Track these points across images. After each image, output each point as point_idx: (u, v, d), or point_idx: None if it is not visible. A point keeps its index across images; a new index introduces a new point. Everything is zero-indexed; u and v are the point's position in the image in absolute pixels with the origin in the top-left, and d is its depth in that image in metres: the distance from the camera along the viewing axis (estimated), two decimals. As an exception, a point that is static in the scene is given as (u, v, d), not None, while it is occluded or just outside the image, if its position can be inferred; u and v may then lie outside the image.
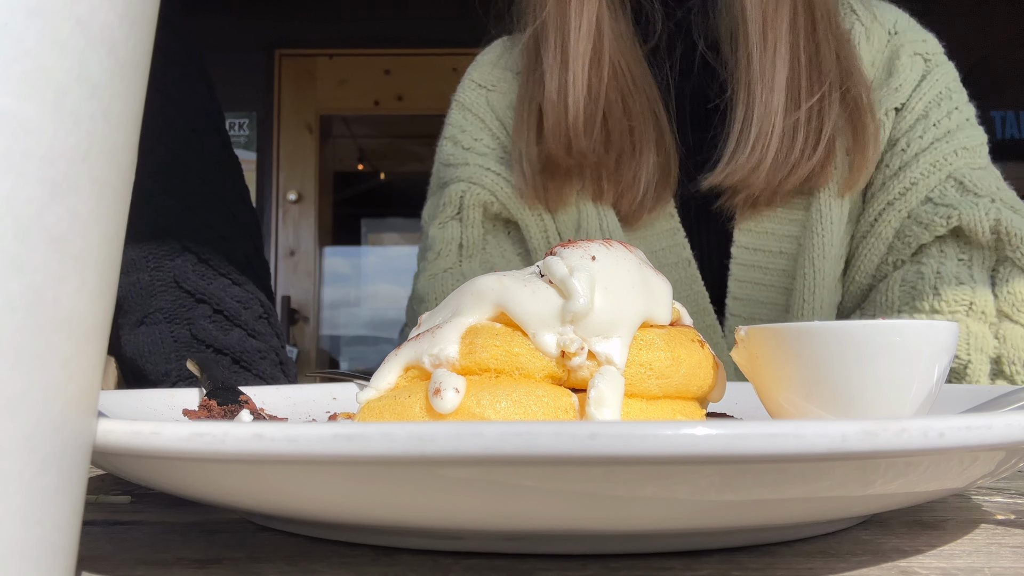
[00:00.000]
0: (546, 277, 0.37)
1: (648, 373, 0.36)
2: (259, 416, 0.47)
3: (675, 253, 0.80)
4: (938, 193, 0.75)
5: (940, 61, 0.80)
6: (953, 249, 0.74)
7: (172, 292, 0.76)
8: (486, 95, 0.88)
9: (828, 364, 0.36)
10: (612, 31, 0.78)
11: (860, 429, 0.22)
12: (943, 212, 0.74)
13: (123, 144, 0.22)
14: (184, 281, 0.76)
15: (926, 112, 0.77)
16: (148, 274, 0.75)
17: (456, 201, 0.84)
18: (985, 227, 0.72)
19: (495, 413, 0.33)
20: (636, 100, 0.79)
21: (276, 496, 0.26)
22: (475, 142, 0.86)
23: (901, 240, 0.76)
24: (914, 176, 0.76)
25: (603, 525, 0.26)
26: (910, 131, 0.77)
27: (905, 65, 0.78)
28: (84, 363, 0.21)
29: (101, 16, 0.21)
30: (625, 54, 0.79)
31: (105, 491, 0.41)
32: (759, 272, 0.78)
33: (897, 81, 0.78)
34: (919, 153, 0.76)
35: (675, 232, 0.80)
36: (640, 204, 0.79)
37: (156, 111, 0.72)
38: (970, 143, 0.77)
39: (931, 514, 0.35)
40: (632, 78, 0.79)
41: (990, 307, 0.71)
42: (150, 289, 0.75)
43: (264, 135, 3.53)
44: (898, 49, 0.79)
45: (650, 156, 0.78)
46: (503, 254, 0.85)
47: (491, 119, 0.87)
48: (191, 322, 0.76)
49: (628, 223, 0.80)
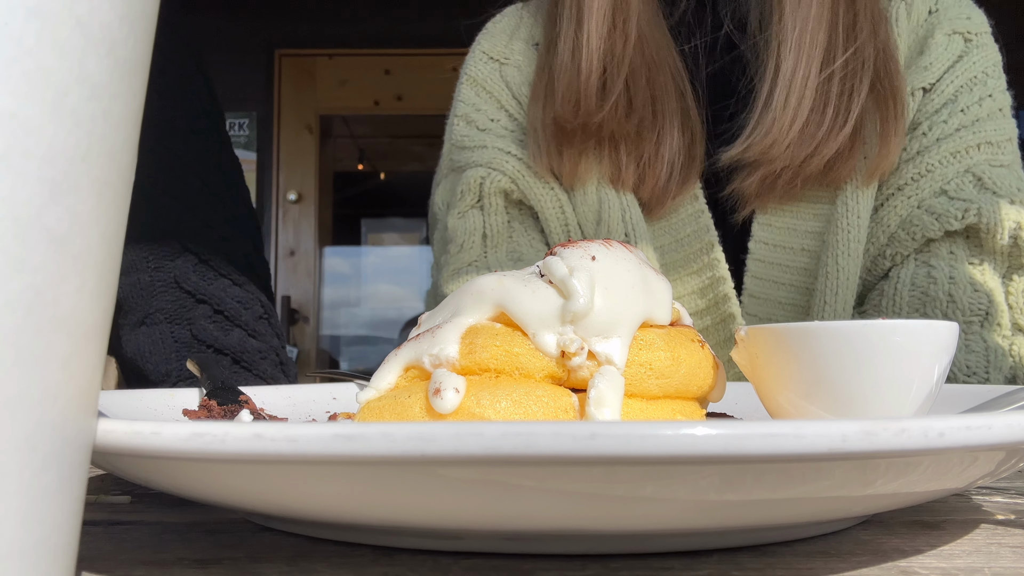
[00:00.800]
0: (546, 277, 0.37)
1: (648, 373, 0.36)
2: (259, 416, 0.47)
3: (699, 238, 0.75)
4: (954, 187, 0.70)
5: (983, 42, 0.74)
6: (964, 251, 0.68)
7: (172, 292, 0.76)
8: (500, 69, 0.82)
9: (828, 364, 0.36)
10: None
11: (860, 429, 0.22)
12: (960, 206, 0.68)
13: (123, 144, 0.22)
14: (184, 282, 0.76)
15: (955, 96, 0.72)
16: (148, 275, 0.75)
17: (475, 189, 0.78)
18: (1005, 229, 0.67)
19: (495, 413, 0.33)
20: (661, 73, 0.73)
21: (276, 496, 0.26)
22: (491, 123, 0.80)
23: (906, 231, 0.70)
24: (931, 163, 0.70)
25: (603, 525, 0.26)
26: (935, 115, 0.72)
27: (939, 43, 0.72)
28: (84, 363, 0.21)
29: (101, 16, 0.21)
30: (651, 23, 0.74)
31: (105, 491, 0.41)
32: (778, 270, 0.73)
33: (928, 59, 0.72)
34: (940, 139, 0.71)
35: (700, 215, 0.75)
36: (664, 188, 0.74)
37: (155, 111, 0.70)
38: (996, 137, 0.71)
39: (931, 514, 0.35)
40: (657, 49, 0.74)
41: (1005, 319, 0.66)
42: (150, 290, 0.75)
43: (264, 135, 3.54)
44: (935, 27, 0.73)
45: (674, 133, 0.73)
46: (531, 242, 0.79)
47: (507, 97, 0.81)
48: (191, 322, 0.76)
49: (652, 211, 0.76)
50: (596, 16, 0.71)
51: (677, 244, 0.75)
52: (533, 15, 0.83)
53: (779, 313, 0.74)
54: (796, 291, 0.73)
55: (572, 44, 0.72)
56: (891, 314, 0.69)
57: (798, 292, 0.73)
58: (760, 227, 0.74)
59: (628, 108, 0.73)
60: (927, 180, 0.71)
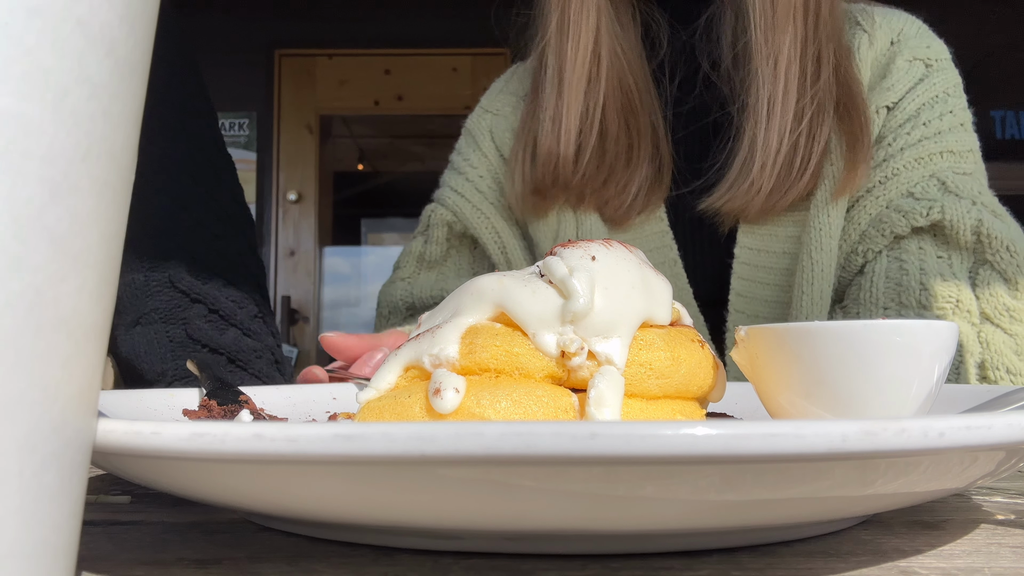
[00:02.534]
0: (546, 277, 0.37)
1: (648, 373, 0.36)
2: (259, 416, 0.47)
3: (662, 254, 0.82)
4: (920, 189, 0.75)
5: (943, 67, 0.79)
6: (931, 247, 0.74)
7: (167, 292, 0.76)
8: (490, 120, 0.92)
9: (828, 364, 0.36)
10: (614, 52, 0.79)
11: (860, 429, 0.22)
12: (925, 204, 0.74)
13: (123, 144, 0.22)
14: (179, 281, 0.76)
15: (917, 112, 0.77)
16: (143, 274, 0.75)
17: (425, 220, 0.93)
18: (967, 226, 0.72)
19: (495, 413, 0.33)
20: (639, 117, 0.80)
21: (276, 496, 0.26)
22: (463, 162, 0.91)
23: (876, 228, 0.76)
24: (896, 167, 0.76)
25: (603, 525, 0.26)
26: (899, 128, 0.77)
27: (901, 68, 0.78)
28: (84, 363, 0.21)
29: (101, 16, 0.21)
30: (632, 68, 0.81)
31: (105, 491, 0.41)
32: (762, 271, 0.79)
33: (890, 81, 0.78)
34: (905, 148, 0.77)
35: (663, 235, 0.82)
36: (629, 208, 0.81)
37: (147, 109, 0.70)
38: (958, 147, 0.77)
39: (931, 514, 0.35)
40: (637, 94, 0.81)
41: (974, 307, 0.71)
42: (145, 289, 0.75)
43: (264, 135, 3.53)
44: (896, 54, 0.79)
45: (643, 167, 0.81)
46: (458, 271, 0.92)
47: (486, 141, 0.91)
48: (186, 322, 0.76)
49: (616, 224, 0.82)
50: (576, 87, 0.79)
51: None
52: (524, 72, 0.93)
53: (764, 309, 0.80)
54: (779, 289, 0.80)
55: (553, 111, 0.80)
56: (869, 305, 0.74)
57: (780, 290, 0.79)
58: (744, 234, 0.80)
59: (599, 164, 0.81)
60: (893, 183, 0.77)
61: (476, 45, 3.36)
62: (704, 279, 0.82)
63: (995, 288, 0.72)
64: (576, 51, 0.79)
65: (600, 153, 0.80)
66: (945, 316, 0.71)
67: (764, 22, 0.74)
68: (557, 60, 0.80)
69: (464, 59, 3.47)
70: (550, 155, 0.80)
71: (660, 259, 0.82)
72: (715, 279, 0.81)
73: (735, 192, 0.75)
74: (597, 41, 0.79)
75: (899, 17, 0.82)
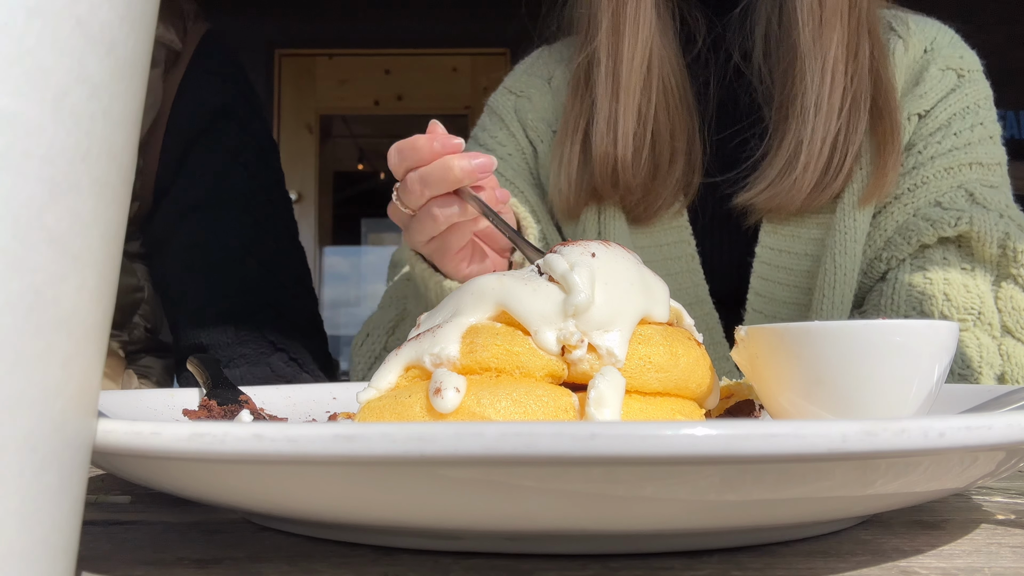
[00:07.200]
0: (546, 274, 0.37)
1: (648, 367, 0.36)
2: (259, 416, 0.47)
3: (680, 248, 0.81)
4: (948, 199, 0.75)
5: (975, 78, 0.80)
6: (956, 257, 0.73)
7: (256, 343, 0.87)
8: (514, 100, 0.91)
9: (828, 364, 0.36)
10: (661, 53, 0.79)
11: (860, 429, 0.22)
12: (953, 214, 0.73)
13: (123, 144, 0.22)
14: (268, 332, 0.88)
15: (949, 121, 0.77)
16: (235, 326, 0.87)
17: None
18: (994, 239, 0.72)
19: (496, 413, 0.33)
20: (681, 117, 0.80)
21: (276, 496, 0.26)
22: (491, 139, 0.89)
23: (902, 236, 0.75)
24: (925, 175, 0.76)
25: (603, 525, 0.26)
26: (930, 136, 0.77)
27: (934, 76, 0.78)
28: (84, 363, 0.21)
29: (101, 16, 0.21)
30: (673, 70, 0.80)
31: (105, 491, 0.41)
32: (783, 272, 0.79)
33: (923, 89, 0.78)
34: (935, 156, 0.76)
35: (682, 229, 0.81)
36: (660, 206, 0.80)
37: (240, 182, 0.91)
38: (987, 160, 0.77)
39: (931, 514, 0.35)
40: (677, 94, 0.80)
41: (996, 320, 0.71)
42: (236, 338, 0.87)
43: (264, 135, 3.53)
44: (930, 63, 0.79)
45: (679, 168, 0.80)
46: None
47: (513, 121, 0.89)
48: (269, 365, 0.88)
49: (640, 222, 0.82)
50: (634, 90, 0.77)
51: (657, 249, 0.82)
52: (550, 55, 0.92)
53: (783, 311, 0.79)
54: (799, 291, 0.78)
55: (608, 113, 0.78)
56: (890, 312, 0.74)
57: (800, 292, 0.78)
58: (767, 234, 0.79)
59: (655, 170, 0.80)
60: (922, 191, 0.76)
61: (476, 45, 3.36)
62: (721, 276, 0.81)
63: (1017, 302, 0.71)
64: (633, 53, 0.77)
65: (652, 154, 0.80)
66: (966, 328, 0.70)
67: (813, 21, 0.73)
68: (612, 62, 0.78)
69: (464, 59, 3.47)
70: (607, 158, 0.78)
71: (677, 253, 0.81)
72: (732, 277, 0.81)
73: (777, 189, 0.74)
74: (652, 43, 0.78)
75: (932, 25, 0.82)
